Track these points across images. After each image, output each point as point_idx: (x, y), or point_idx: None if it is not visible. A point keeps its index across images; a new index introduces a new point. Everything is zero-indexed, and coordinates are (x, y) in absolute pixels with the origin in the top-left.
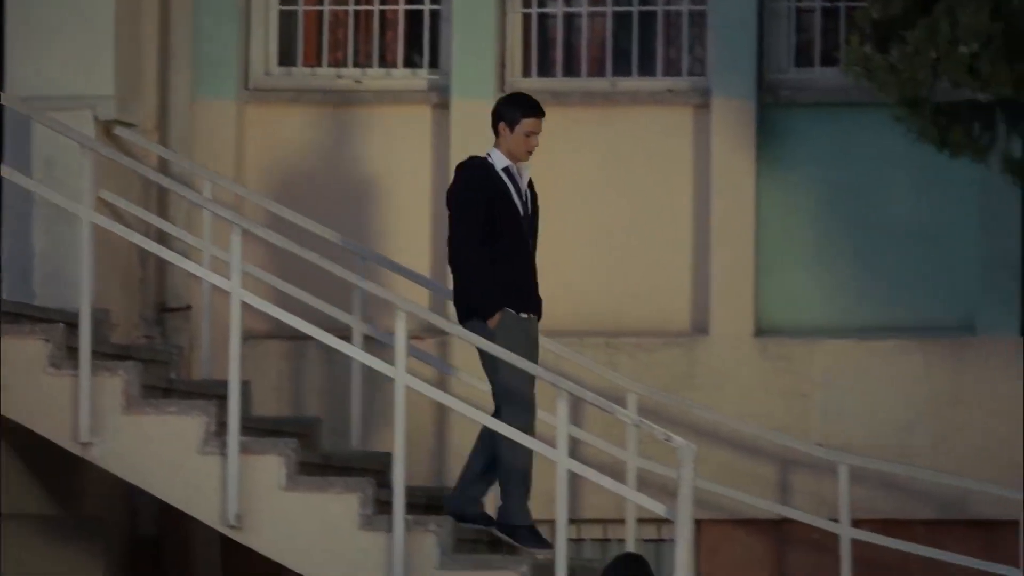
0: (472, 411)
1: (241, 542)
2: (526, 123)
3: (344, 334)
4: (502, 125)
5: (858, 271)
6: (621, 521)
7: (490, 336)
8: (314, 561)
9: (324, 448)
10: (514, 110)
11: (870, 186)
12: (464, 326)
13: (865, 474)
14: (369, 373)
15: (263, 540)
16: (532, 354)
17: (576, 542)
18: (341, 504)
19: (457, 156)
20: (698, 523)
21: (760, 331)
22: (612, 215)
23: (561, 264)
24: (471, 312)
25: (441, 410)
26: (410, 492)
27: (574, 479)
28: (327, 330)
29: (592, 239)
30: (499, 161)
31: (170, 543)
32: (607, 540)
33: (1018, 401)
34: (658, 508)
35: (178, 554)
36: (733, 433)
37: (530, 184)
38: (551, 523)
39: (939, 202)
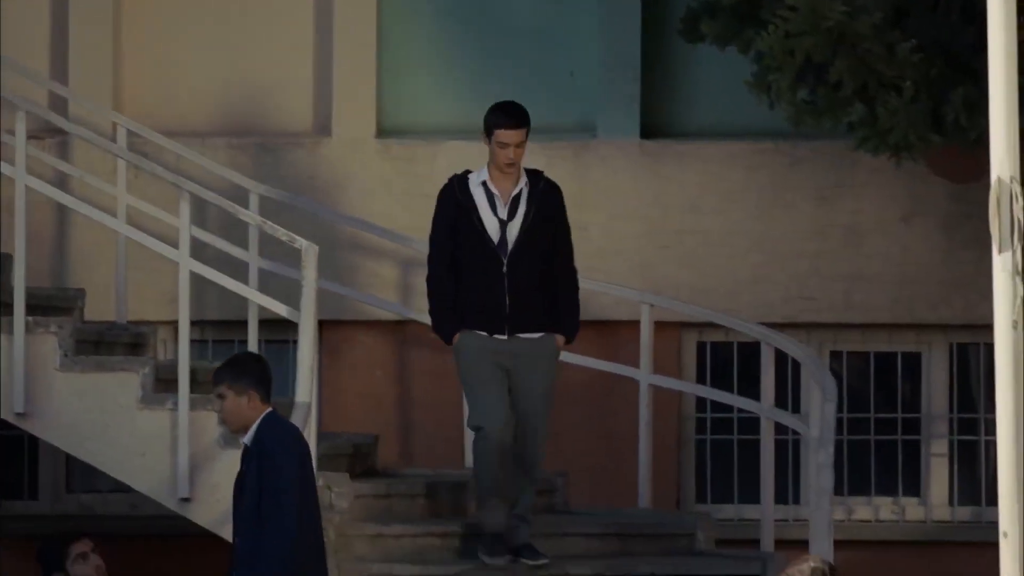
0: (92, 211)
1: None
2: (499, 134)
3: None
4: (483, 135)
5: (480, 72)
6: (244, 322)
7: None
8: None
9: None
10: (490, 119)
11: None
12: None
13: None
14: None
15: None
16: (490, 371)
17: (199, 344)
18: None
19: None
20: (321, 324)
21: (382, 132)
22: (233, 15)
23: (181, 63)
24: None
25: (61, 211)
26: (30, 293)
27: (197, 280)
28: None
29: (212, 39)
30: (478, 176)
31: None
32: (230, 342)
33: (638, 201)
34: (280, 309)
35: None
36: (355, 235)
37: (543, 194)
38: (174, 324)
39: (560, 3)
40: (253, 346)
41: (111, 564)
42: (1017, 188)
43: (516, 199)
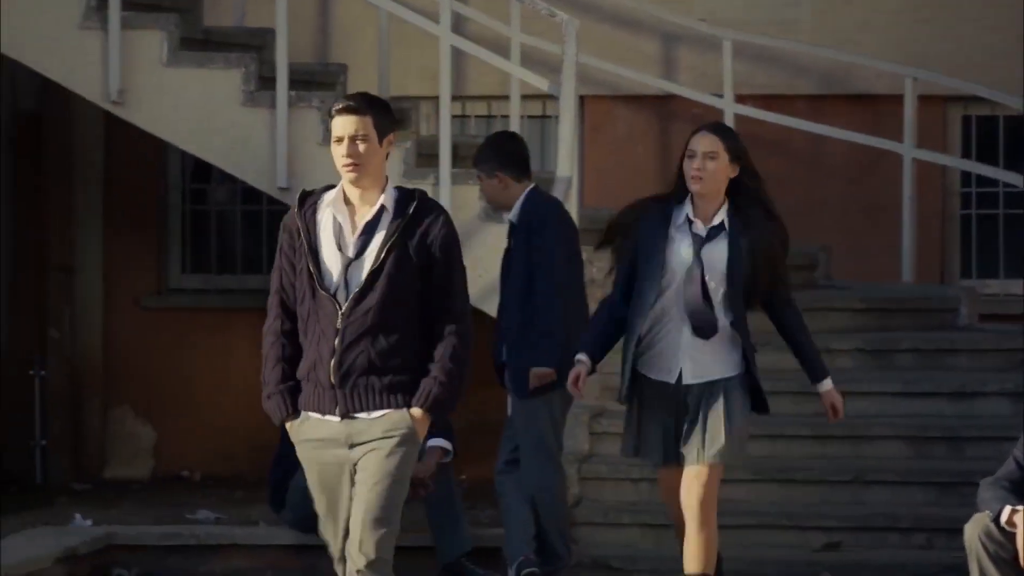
0: None
1: (123, 117)
2: (332, 125)
3: None
4: None
5: None
6: (505, 98)
7: None
8: (196, 137)
9: (206, 24)
10: None
11: None
12: None
13: (748, 49)
14: None
15: (145, 116)
16: (326, 493)
17: (461, 119)
18: (224, 80)
19: None
20: (582, 99)
21: None
22: None
23: None
24: None
25: None
26: (293, 69)
27: (458, 55)
28: None
29: None
30: (332, 194)
31: (51, 119)
32: (492, 117)
33: None
34: (542, 84)
35: (60, 130)
36: (617, 8)
37: (413, 220)
38: (435, 100)
39: None
40: (515, 121)
41: None
42: None
43: (371, 226)
